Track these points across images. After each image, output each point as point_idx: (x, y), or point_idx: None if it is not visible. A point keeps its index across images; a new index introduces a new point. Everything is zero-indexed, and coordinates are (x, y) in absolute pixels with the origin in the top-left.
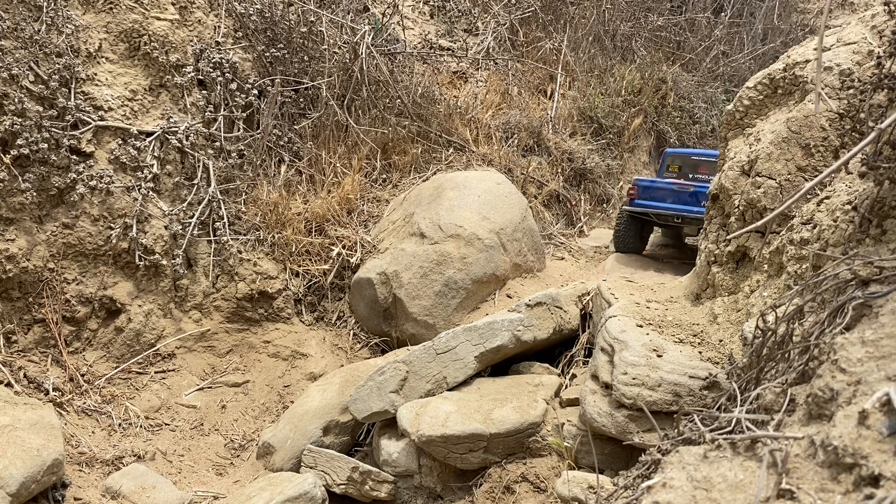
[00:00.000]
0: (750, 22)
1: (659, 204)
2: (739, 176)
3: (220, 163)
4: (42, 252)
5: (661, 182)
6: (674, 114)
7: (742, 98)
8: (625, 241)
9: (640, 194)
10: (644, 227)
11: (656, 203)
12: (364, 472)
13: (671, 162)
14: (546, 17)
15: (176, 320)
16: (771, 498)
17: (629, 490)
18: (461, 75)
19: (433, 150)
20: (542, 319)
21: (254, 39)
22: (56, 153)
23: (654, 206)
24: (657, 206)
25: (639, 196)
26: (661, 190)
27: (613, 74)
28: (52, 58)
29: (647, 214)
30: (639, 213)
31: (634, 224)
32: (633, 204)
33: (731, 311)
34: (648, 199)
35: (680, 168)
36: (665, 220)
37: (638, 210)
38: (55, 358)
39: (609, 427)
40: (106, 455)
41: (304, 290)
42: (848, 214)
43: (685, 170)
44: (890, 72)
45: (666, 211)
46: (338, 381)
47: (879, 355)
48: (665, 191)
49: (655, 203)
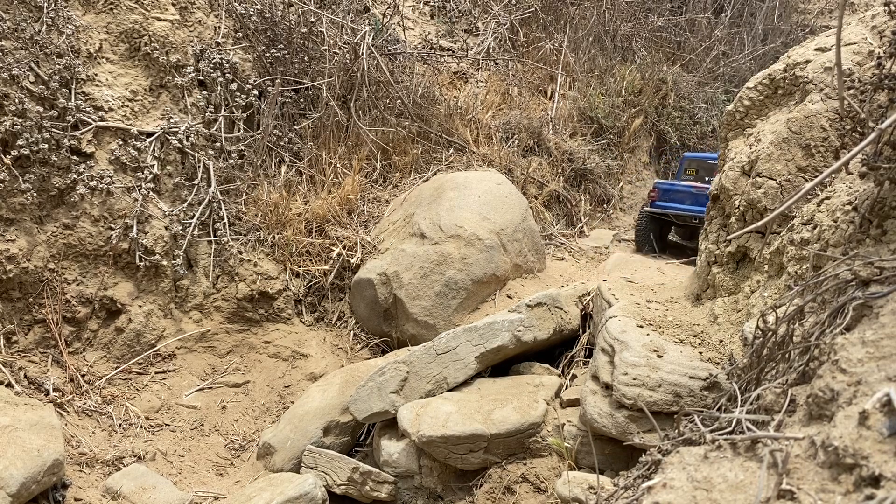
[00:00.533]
0: (750, 22)
1: (678, 206)
2: (740, 176)
3: (221, 163)
4: (42, 252)
5: (680, 185)
6: (674, 114)
7: (742, 98)
8: (645, 240)
9: (660, 196)
10: (663, 228)
11: (675, 205)
12: (364, 472)
13: (689, 165)
14: (546, 18)
15: (176, 321)
16: (771, 498)
17: (629, 490)
18: (461, 76)
19: (433, 150)
20: (542, 320)
21: (254, 40)
22: (56, 153)
23: (674, 207)
24: (676, 207)
25: (659, 198)
26: (680, 193)
27: (614, 75)
28: (53, 58)
29: (667, 215)
30: (659, 214)
31: (654, 224)
32: (653, 205)
33: (731, 312)
34: (668, 200)
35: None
36: (683, 221)
37: (658, 211)
38: (55, 358)
39: (609, 427)
40: (106, 455)
41: (304, 291)
42: (848, 215)
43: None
44: (890, 72)
45: (684, 212)
46: (338, 382)
47: (880, 356)
48: (684, 193)
49: (675, 205)
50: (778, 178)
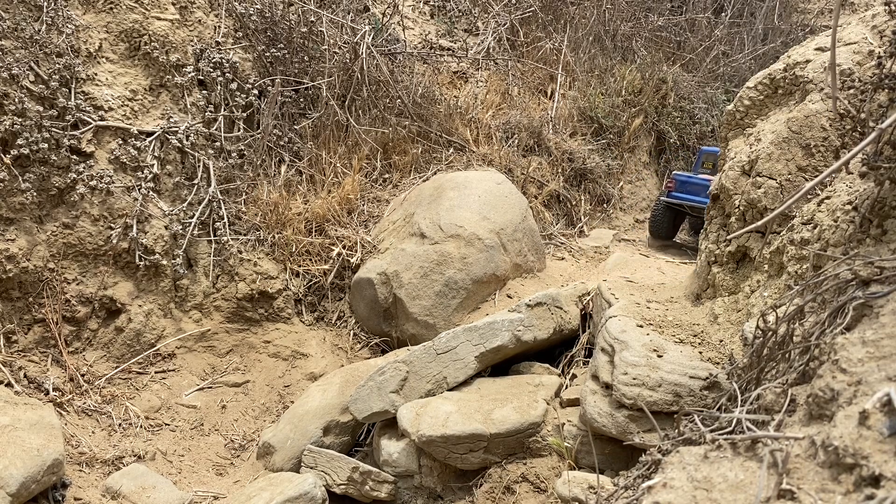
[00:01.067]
0: (750, 22)
1: (693, 197)
2: (740, 176)
3: (221, 163)
4: (42, 252)
5: (696, 178)
6: (674, 114)
7: (742, 98)
8: (659, 228)
9: (677, 187)
10: (677, 217)
11: (691, 196)
12: (364, 472)
13: (706, 159)
14: (546, 17)
15: (176, 320)
16: (771, 498)
17: (629, 490)
18: (461, 75)
19: (433, 150)
20: (542, 319)
21: (254, 39)
22: (56, 153)
23: (689, 198)
24: (692, 199)
25: (676, 189)
26: (696, 185)
27: (614, 74)
28: (53, 58)
29: (682, 206)
30: (674, 204)
31: (668, 213)
32: (670, 195)
33: (731, 312)
34: (685, 192)
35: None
36: (697, 213)
37: (674, 201)
38: (55, 358)
39: (609, 427)
40: (106, 455)
41: (304, 290)
42: (848, 214)
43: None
44: (890, 72)
45: (699, 204)
46: (338, 382)
47: (880, 355)
48: (699, 186)
49: (690, 196)
50: (778, 178)
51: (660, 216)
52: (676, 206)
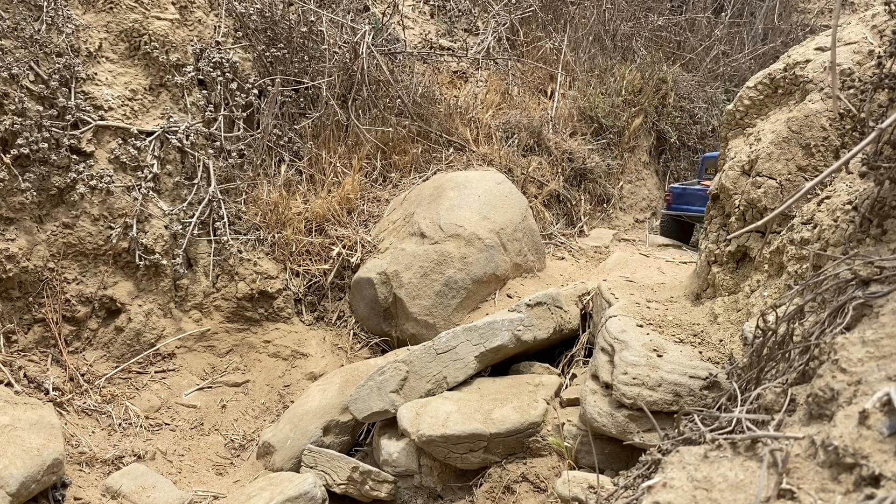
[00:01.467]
0: (750, 22)
1: (691, 207)
2: (740, 176)
3: (221, 162)
4: (42, 252)
5: (691, 189)
6: (674, 114)
7: (742, 98)
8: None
9: (674, 200)
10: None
11: (689, 207)
12: (364, 471)
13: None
14: (546, 17)
15: (176, 320)
16: (771, 498)
17: (629, 490)
18: (461, 75)
19: (433, 149)
20: (542, 319)
21: (254, 39)
22: (56, 153)
23: (688, 209)
24: (690, 209)
25: (674, 202)
26: (692, 196)
27: (614, 74)
28: (53, 57)
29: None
30: (676, 216)
31: (675, 223)
32: (670, 209)
33: (731, 311)
34: (682, 203)
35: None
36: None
37: (675, 214)
38: (55, 358)
39: (609, 427)
40: (106, 455)
41: (304, 290)
42: (848, 214)
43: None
44: (890, 71)
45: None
46: (338, 381)
47: (880, 355)
48: (695, 196)
49: (688, 207)
50: (778, 178)
51: (668, 226)
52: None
